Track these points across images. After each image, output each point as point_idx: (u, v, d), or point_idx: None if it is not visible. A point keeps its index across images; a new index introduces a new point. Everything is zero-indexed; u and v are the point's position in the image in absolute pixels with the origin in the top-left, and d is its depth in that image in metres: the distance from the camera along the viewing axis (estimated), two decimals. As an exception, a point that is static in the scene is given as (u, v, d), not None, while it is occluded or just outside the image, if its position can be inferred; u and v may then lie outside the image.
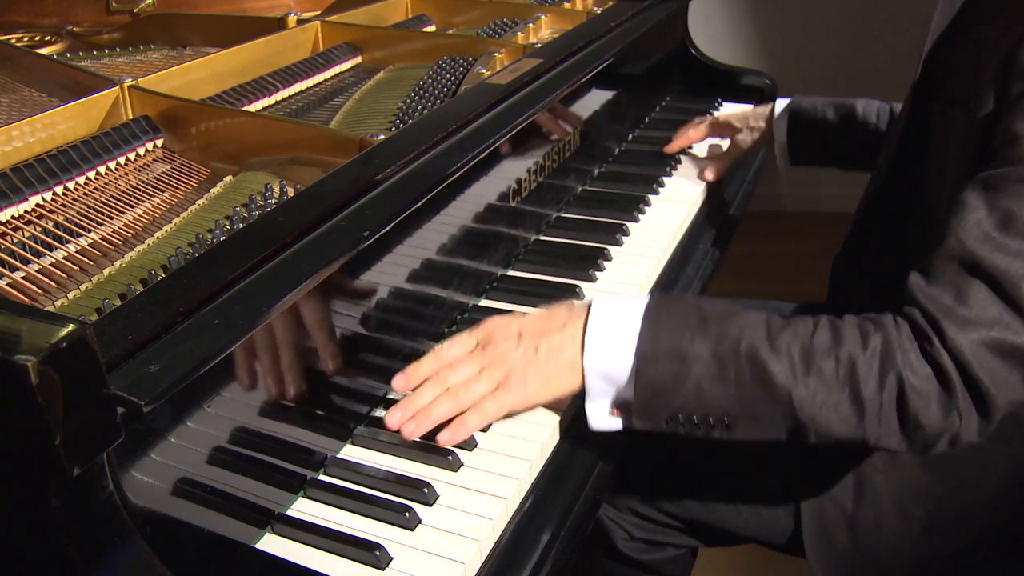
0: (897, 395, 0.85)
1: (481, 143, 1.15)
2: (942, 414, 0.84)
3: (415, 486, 0.90)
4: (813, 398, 0.86)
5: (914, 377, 0.84)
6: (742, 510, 1.20)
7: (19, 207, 1.03)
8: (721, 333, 0.89)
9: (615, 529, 1.29)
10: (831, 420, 0.86)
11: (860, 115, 1.46)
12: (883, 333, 0.86)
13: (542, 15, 1.79)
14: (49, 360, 0.58)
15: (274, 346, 0.86)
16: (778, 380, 0.86)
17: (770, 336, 0.88)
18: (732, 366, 0.87)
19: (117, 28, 1.75)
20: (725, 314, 0.91)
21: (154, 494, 0.75)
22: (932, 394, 0.84)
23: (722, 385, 0.88)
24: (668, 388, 0.89)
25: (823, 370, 0.85)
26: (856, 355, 0.85)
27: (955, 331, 0.83)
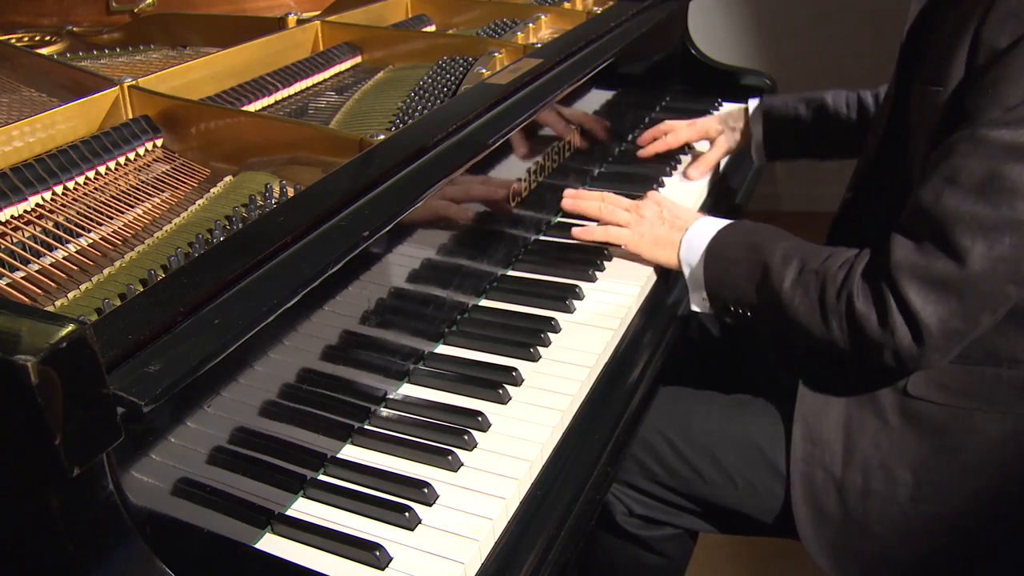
0: (846, 308, 1.05)
1: (481, 143, 1.15)
2: (878, 330, 1.03)
3: (415, 486, 0.90)
4: (796, 303, 1.10)
5: (858, 295, 1.05)
6: (738, 482, 1.22)
7: (19, 207, 1.03)
8: (757, 246, 1.16)
9: (614, 503, 1.30)
10: (808, 321, 1.09)
11: (830, 107, 1.54)
12: (856, 261, 1.07)
13: (542, 15, 1.79)
14: (49, 360, 0.58)
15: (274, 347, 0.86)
16: (775, 286, 1.11)
17: (787, 254, 1.12)
18: (754, 271, 1.15)
19: (117, 28, 1.75)
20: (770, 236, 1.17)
21: (154, 494, 0.75)
22: (869, 311, 1.04)
23: (748, 284, 1.16)
24: (721, 280, 1.20)
25: (808, 284, 1.09)
26: (829, 275, 1.08)
27: (894, 261, 1.01)
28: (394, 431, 0.99)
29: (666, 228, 1.27)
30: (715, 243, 1.20)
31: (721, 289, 1.19)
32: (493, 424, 0.99)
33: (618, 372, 1.15)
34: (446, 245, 1.14)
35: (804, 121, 1.58)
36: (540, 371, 1.09)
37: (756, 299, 1.15)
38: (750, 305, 1.17)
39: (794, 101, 1.59)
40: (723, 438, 1.24)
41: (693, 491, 1.26)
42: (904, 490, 1.12)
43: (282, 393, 0.88)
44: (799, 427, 1.17)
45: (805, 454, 1.17)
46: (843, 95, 1.55)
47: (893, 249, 1.02)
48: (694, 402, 1.29)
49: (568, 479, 0.98)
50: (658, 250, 1.28)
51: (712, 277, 1.20)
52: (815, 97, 1.57)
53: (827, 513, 1.16)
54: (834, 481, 1.15)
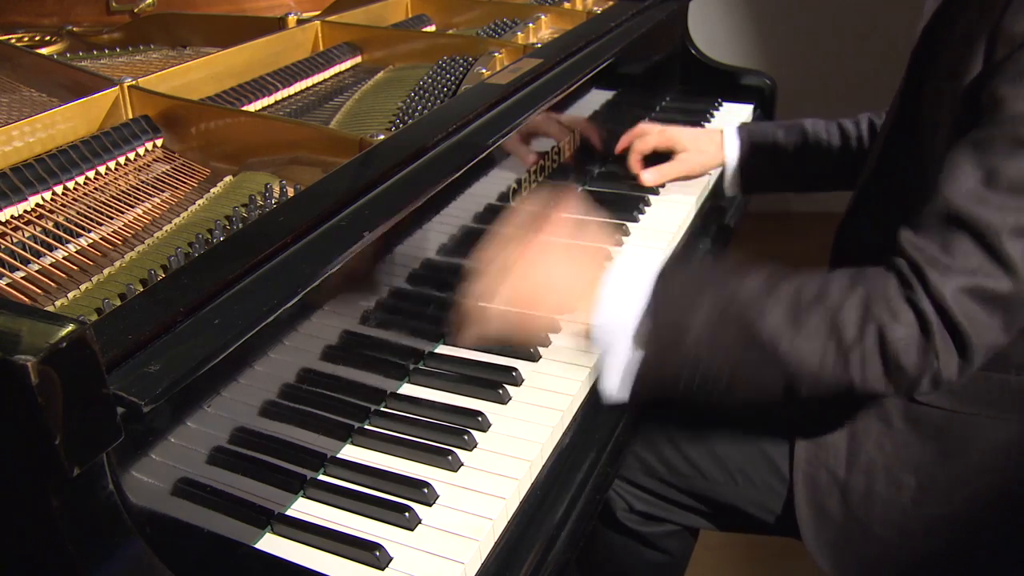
0: (878, 341, 0.89)
1: (481, 143, 1.15)
2: (921, 358, 0.89)
3: (415, 486, 0.90)
4: (799, 350, 0.90)
5: (894, 323, 0.89)
6: (738, 479, 1.22)
7: (19, 207, 1.03)
8: (716, 297, 0.93)
9: (615, 499, 1.30)
10: (818, 369, 0.90)
11: (810, 134, 1.47)
12: (867, 283, 0.91)
13: (542, 15, 1.79)
14: (49, 360, 0.58)
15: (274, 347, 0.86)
16: (765, 337, 0.90)
17: (760, 296, 0.92)
18: (723, 328, 0.92)
19: (117, 28, 1.75)
20: (723, 279, 0.95)
21: (154, 494, 0.75)
22: (912, 339, 0.89)
23: (716, 347, 0.92)
24: (670, 351, 0.94)
25: (808, 323, 0.90)
26: (838, 306, 0.90)
27: (937, 278, 0.88)
28: (394, 431, 0.99)
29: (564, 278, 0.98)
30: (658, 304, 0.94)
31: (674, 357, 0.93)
32: (493, 424, 0.99)
33: (618, 372, 1.15)
34: (446, 245, 1.14)
35: (783, 148, 1.48)
36: (540, 371, 1.09)
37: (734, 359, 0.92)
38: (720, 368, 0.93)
39: (772, 127, 1.52)
40: (722, 433, 1.23)
41: (693, 488, 1.25)
42: (907, 493, 1.12)
43: (282, 393, 0.88)
44: (802, 429, 1.17)
45: (809, 455, 1.16)
46: (822, 123, 1.47)
47: (923, 265, 0.89)
48: None
49: (568, 479, 0.98)
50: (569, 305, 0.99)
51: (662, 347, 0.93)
52: (793, 124, 1.50)
53: (829, 514, 1.15)
54: (837, 483, 1.14)
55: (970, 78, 0.95)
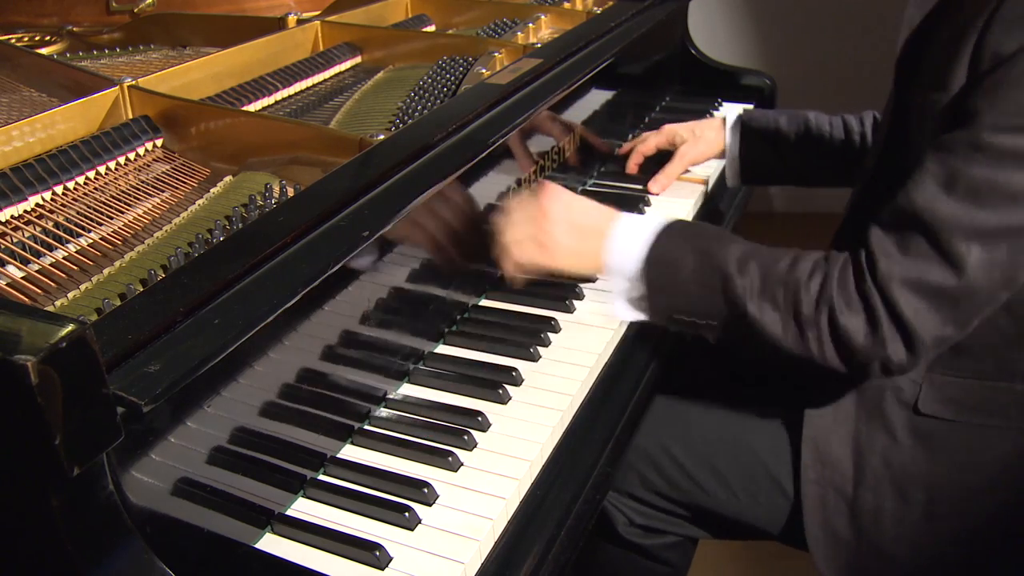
0: (829, 321, 0.97)
1: (481, 143, 1.15)
2: (867, 342, 0.96)
3: (415, 486, 0.90)
4: (764, 316, 1.00)
5: (845, 309, 0.97)
6: (740, 495, 1.21)
7: (19, 207, 1.03)
8: (708, 250, 1.03)
9: (615, 513, 1.30)
10: (781, 337, 1.00)
11: (813, 125, 1.46)
12: (830, 267, 0.99)
13: (542, 15, 1.79)
14: (49, 360, 0.58)
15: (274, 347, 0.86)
16: (737, 295, 1.00)
17: (743, 259, 1.01)
18: (708, 279, 1.02)
19: (117, 28, 1.75)
20: (717, 237, 1.06)
21: (154, 494, 0.75)
22: (859, 326, 0.96)
23: (701, 293, 1.03)
24: (665, 288, 1.05)
25: (775, 294, 0.99)
26: (801, 284, 0.98)
27: (886, 270, 0.95)
28: (394, 431, 0.99)
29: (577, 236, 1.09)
30: (656, 250, 1.05)
31: (670, 299, 1.05)
32: (493, 424, 0.99)
33: (618, 372, 1.15)
34: (446, 245, 1.14)
35: (786, 136, 1.47)
36: (540, 371, 1.09)
37: (712, 311, 1.03)
38: (706, 315, 1.04)
39: (774, 115, 1.51)
40: (723, 448, 1.22)
41: (694, 502, 1.24)
42: (917, 508, 1.10)
43: (282, 393, 0.88)
44: (808, 448, 1.15)
45: (816, 475, 1.14)
46: (825, 116, 1.48)
47: (879, 256, 0.96)
48: (694, 412, 1.27)
49: (568, 479, 0.98)
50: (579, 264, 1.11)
51: (657, 285, 1.05)
52: (797, 114, 1.49)
53: (840, 535, 1.14)
54: (846, 502, 1.13)
55: (955, 89, 0.98)
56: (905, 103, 1.12)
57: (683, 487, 1.24)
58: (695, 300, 1.04)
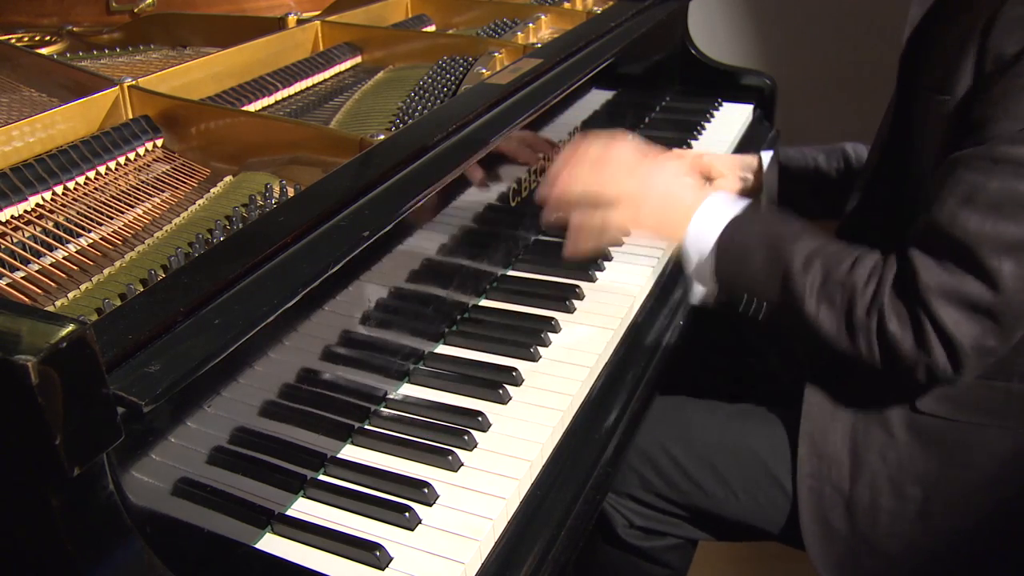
0: (878, 326, 1.00)
1: (481, 143, 1.15)
2: (913, 352, 0.99)
3: (415, 486, 0.90)
4: (819, 313, 1.03)
5: (892, 316, 0.99)
6: (740, 495, 1.21)
7: (19, 207, 1.03)
8: (778, 243, 1.07)
9: (615, 516, 1.30)
10: (832, 334, 1.03)
11: (853, 160, 1.45)
12: (884, 273, 1.01)
13: (542, 15, 1.79)
14: (49, 360, 0.58)
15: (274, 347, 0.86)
16: (797, 291, 1.03)
17: (809, 256, 1.04)
18: (773, 270, 1.06)
19: (117, 28, 1.74)
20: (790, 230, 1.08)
21: (154, 494, 0.75)
22: (904, 334, 0.99)
23: (765, 282, 1.07)
24: (735, 277, 1.10)
25: (833, 295, 1.02)
26: (857, 289, 1.01)
27: (925, 281, 0.97)
28: (394, 431, 0.99)
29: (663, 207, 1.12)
30: (730, 233, 1.09)
31: (734, 285, 1.10)
32: (493, 424, 0.99)
33: (618, 372, 1.15)
34: (446, 245, 1.14)
35: (825, 174, 1.46)
36: (540, 371, 1.09)
37: (773, 300, 1.07)
38: (766, 301, 1.09)
39: (812, 153, 1.48)
40: (724, 449, 1.22)
41: (694, 503, 1.24)
42: (913, 506, 1.11)
43: (282, 393, 0.88)
44: (805, 443, 1.16)
45: (812, 470, 1.15)
46: (862, 148, 1.45)
47: (919, 270, 0.97)
48: (694, 412, 1.28)
49: (568, 479, 0.98)
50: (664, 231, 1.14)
51: (725, 271, 1.09)
52: (834, 149, 1.47)
53: (835, 530, 1.14)
54: (842, 497, 1.14)
55: (961, 93, 0.99)
56: (908, 101, 1.12)
57: (683, 488, 1.24)
58: (758, 287, 1.08)
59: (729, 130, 1.87)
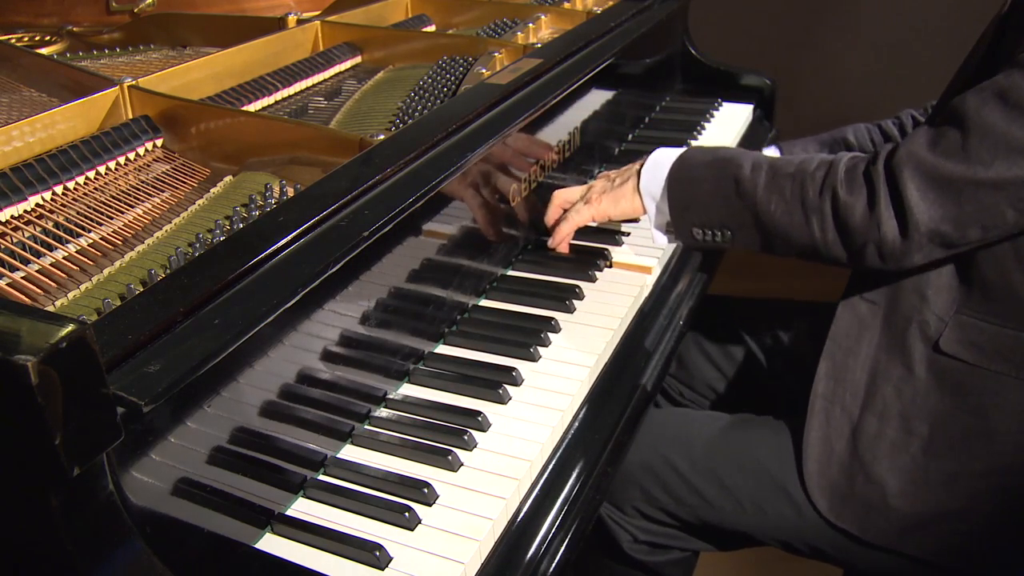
0: (831, 204, 1.04)
1: (481, 143, 1.15)
2: (864, 220, 1.02)
3: (415, 486, 0.90)
4: (772, 206, 1.07)
5: (846, 189, 1.03)
6: (747, 507, 1.20)
7: (19, 207, 1.03)
8: (724, 161, 1.12)
9: (620, 532, 1.29)
10: (786, 223, 1.07)
11: (856, 147, 1.46)
12: (837, 159, 1.05)
13: (542, 15, 1.79)
14: (49, 360, 0.58)
15: (274, 347, 0.86)
16: (748, 193, 1.09)
17: (755, 163, 1.10)
18: (723, 186, 1.11)
19: (117, 28, 1.75)
20: (735, 152, 1.14)
21: (154, 494, 0.75)
22: (857, 202, 1.02)
23: (717, 201, 1.12)
24: (686, 204, 1.15)
25: (783, 187, 1.07)
26: (807, 174, 1.06)
27: (904, 154, 1.00)
28: (394, 431, 0.99)
29: (618, 182, 1.25)
30: (678, 166, 1.16)
31: (688, 212, 1.15)
32: (493, 424, 1.00)
33: (618, 372, 1.15)
34: (446, 245, 1.14)
35: None
36: (540, 371, 1.09)
37: (727, 214, 1.12)
38: (721, 223, 1.13)
39: (815, 145, 1.52)
40: (729, 461, 1.21)
41: (700, 517, 1.24)
42: (918, 442, 1.11)
43: (282, 393, 0.88)
44: (825, 362, 1.17)
45: (826, 391, 1.16)
46: (864, 130, 1.49)
47: (907, 141, 1.00)
48: (697, 424, 1.27)
49: (568, 479, 0.98)
50: (620, 202, 1.24)
51: (678, 200, 1.15)
52: (835, 137, 1.50)
53: (835, 452, 1.15)
54: (850, 421, 1.15)
55: None
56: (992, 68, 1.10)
57: (689, 502, 1.23)
58: (712, 208, 1.13)
59: (729, 130, 1.87)
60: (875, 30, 3.09)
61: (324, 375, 0.94)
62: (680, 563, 1.36)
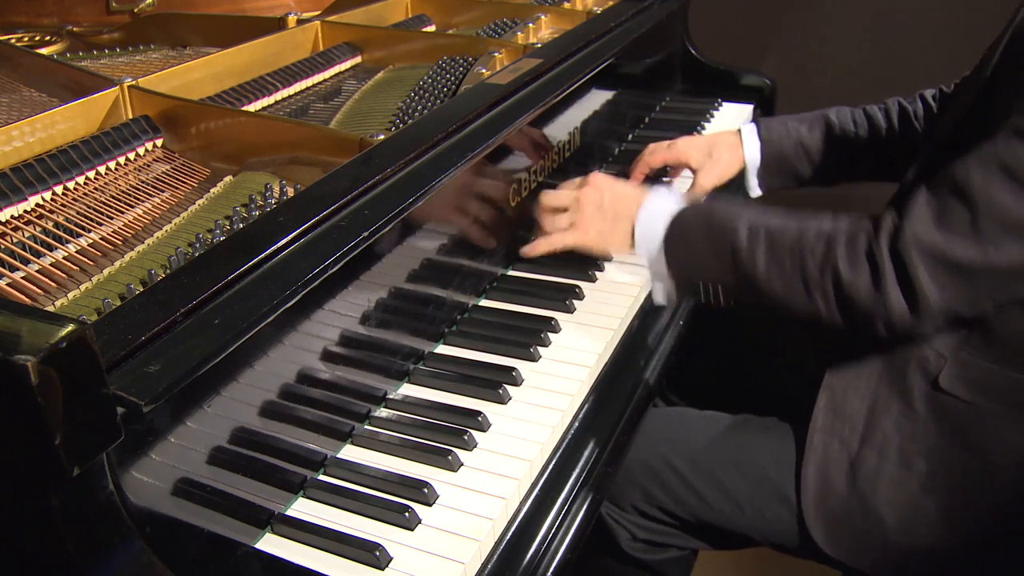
0: (833, 281, 1.01)
1: (481, 143, 1.15)
2: (871, 300, 0.99)
3: (415, 486, 0.90)
4: (772, 281, 1.05)
5: (849, 269, 0.99)
6: (746, 509, 1.20)
7: (19, 207, 1.03)
8: (721, 226, 1.09)
9: (619, 530, 1.29)
10: (790, 299, 1.05)
11: (836, 126, 1.43)
12: (833, 233, 1.02)
13: (542, 15, 1.79)
14: (49, 360, 0.58)
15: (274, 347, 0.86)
16: (746, 266, 1.06)
17: (752, 232, 1.06)
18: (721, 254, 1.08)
19: (117, 28, 1.75)
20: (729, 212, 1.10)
21: (154, 494, 0.75)
22: (863, 286, 0.99)
23: (718, 265, 1.10)
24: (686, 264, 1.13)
25: (782, 260, 1.04)
26: (806, 249, 1.03)
27: (910, 235, 0.96)
28: (394, 431, 0.99)
29: (609, 220, 1.20)
30: (672, 229, 1.13)
31: (690, 272, 1.14)
32: (493, 424, 0.99)
33: (619, 372, 1.15)
34: (446, 245, 1.14)
35: (808, 145, 1.45)
36: (540, 371, 1.09)
37: (727, 280, 1.10)
38: (722, 284, 1.12)
39: (795, 123, 1.46)
40: (729, 463, 1.21)
41: (699, 517, 1.24)
42: (917, 478, 1.11)
43: (282, 393, 0.88)
44: (824, 395, 1.16)
45: (825, 424, 1.15)
46: (847, 112, 1.45)
47: (912, 219, 0.96)
48: (697, 425, 1.27)
49: (569, 479, 0.98)
50: (607, 244, 1.22)
51: (677, 261, 1.14)
52: (817, 116, 1.46)
53: (834, 485, 1.14)
54: (848, 455, 1.14)
55: None
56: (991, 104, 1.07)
57: (688, 502, 1.23)
58: (710, 272, 1.11)
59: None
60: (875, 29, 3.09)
61: (324, 375, 0.94)
62: (679, 561, 1.36)
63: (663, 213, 1.15)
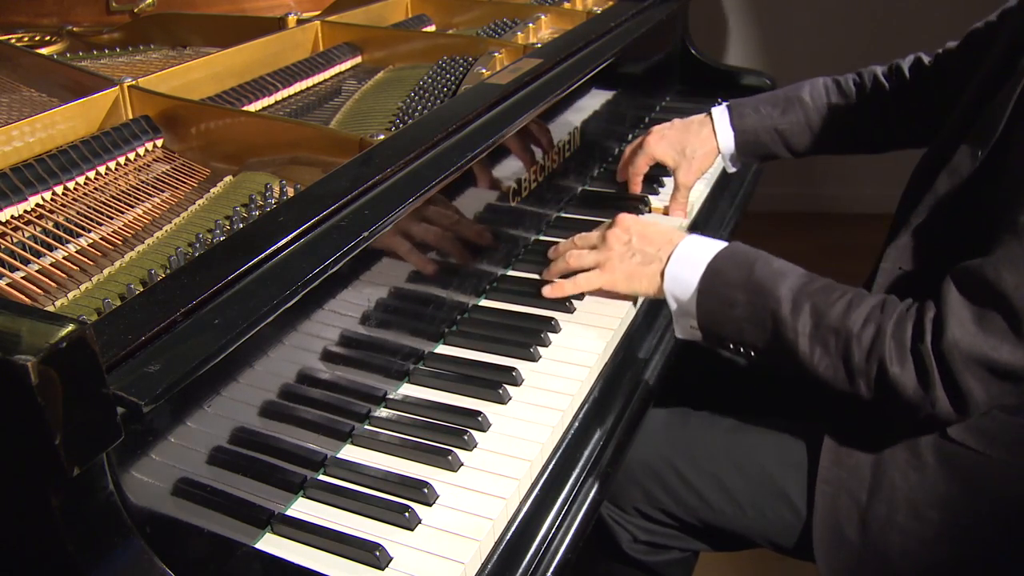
0: (878, 372, 0.97)
1: (481, 143, 1.15)
2: (917, 397, 0.96)
3: (415, 486, 0.90)
4: (814, 358, 1.01)
5: (895, 366, 0.96)
6: (748, 511, 1.20)
7: (19, 207, 1.03)
8: (760, 288, 1.04)
9: (620, 531, 1.29)
10: (829, 377, 1.01)
11: (812, 106, 1.46)
12: (883, 319, 0.98)
13: (542, 15, 1.79)
14: (49, 360, 0.58)
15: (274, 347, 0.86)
16: (789, 338, 1.02)
17: (796, 299, 1.02)
18: (760, 317, 1.04)
19: (117, 28, 1.75)
20: (770, 271, 1.06)
21: (154, 494, 0.75)
22: (908, 379, 0.96)
23: (754, 329, 1.05)
24: (718, 320, 1.08)
25: (827, 341, 1.00)
26: (853, 334, 0.98)
27: (953, 339, 0.93)
28: (394, 431, 0.99)
29: (637, 261, 1.16)
30: (709, 279, 1.08)
31: (721, 329, 1.09)
32: (493, 424, 0.99)
33: (619, 372, 1.15)
34: (446, 245, 1.14)
35: (782, 129, 1.46)
36: (540, 371, 1.09)
37: (765, 346, 1.06)
38: (756, 348, 1.07)
39: (768, 107, 1.47)
40: (730, 464, 1.21)
41: (701, 518, 1.23)
42: (929, 529, 1.09)
43: (282, 393, 0.88)
44: (828, 450, 1.14)
45: (831, 477, 1.13)
46: (820, 85, 1.47)
47: (950, 323, 0.93)
48: (699, 426, 1.26)
49: (569, 479, 0.98)
50: (634, 285, 1.17)
51: (709, 315, 1.08)
52: (791, 99, 1.46)
53: (847, 538, 1.12)
54: (858, 508, 1.12)
55: None
56: None
57: (689, 504, 1.23)
58: (747, 334, 1.06)
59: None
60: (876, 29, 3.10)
61: (324, 375, 0.94)
62: (680, 563, 1.36)
63: (696, 261, 1.10)
